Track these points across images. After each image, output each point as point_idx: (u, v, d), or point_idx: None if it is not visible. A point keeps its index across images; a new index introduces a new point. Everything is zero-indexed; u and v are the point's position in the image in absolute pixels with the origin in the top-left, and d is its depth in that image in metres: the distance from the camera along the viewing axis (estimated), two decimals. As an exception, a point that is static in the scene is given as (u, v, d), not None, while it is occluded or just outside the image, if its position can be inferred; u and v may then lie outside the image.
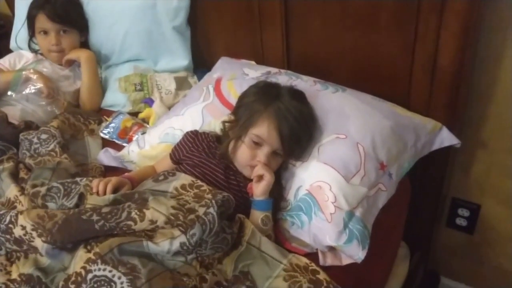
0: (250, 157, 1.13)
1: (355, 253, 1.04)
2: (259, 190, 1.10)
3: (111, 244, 0.94)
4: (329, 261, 1.08)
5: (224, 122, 1.23)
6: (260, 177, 1.11)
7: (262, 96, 1.16)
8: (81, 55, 1.65)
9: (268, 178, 1.10)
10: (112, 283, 0.89)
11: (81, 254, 0.97)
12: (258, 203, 1.11)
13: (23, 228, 1.02)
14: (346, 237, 1.04)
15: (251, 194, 1.13)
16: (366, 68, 1.40)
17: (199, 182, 1.08)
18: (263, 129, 1.11)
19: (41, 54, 1.73)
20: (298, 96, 1.18)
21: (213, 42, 1.69)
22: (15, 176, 1.26)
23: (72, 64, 1.70)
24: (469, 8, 1.14)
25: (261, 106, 1.13)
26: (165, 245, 0.95)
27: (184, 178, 1.10)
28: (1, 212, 1.06)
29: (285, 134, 1.10)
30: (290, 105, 1.12)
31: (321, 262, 1.07)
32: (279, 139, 1.10)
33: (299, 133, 1.12)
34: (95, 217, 0.99)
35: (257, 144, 1.12)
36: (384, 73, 1.38)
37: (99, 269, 0.90)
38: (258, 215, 1.10)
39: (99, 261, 0.91)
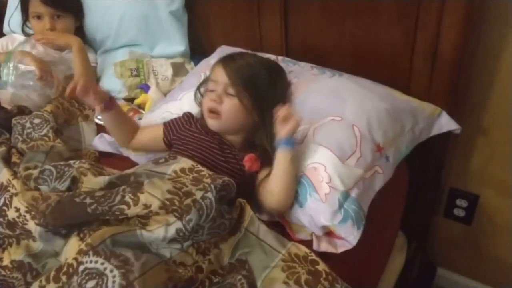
0: (207, 101, 1.17)
1: (350, 233, 1.02)
2: (286, 129, 1.06)
3: (103, 234, 0.91)
4: (323, 247, 1.06)
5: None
6: (286, 118, 1.06)
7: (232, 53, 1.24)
8: (73, 43, 1.60)
9: (294, 119, 1.06)
10: (104, 276, 0.85)
11: (73, 242, 0.95)
12: (287, 140, 1.06)
13: (17, 210, 1.00)
14: (341, 216, 1.03)
15: (248, 166, 1.12)
16: (366, 56, 1.38)
17: (199, 167, 1.06)
18: (213, 71, 1.19)
19: (35, 38, 1.69)
20: (267, 59, 1.24)
21: (211, 28, 1.67)
22: (7, 160, 1.24)
23: (65, 48, 1.66)
24: (471, -6, 1.13)
25: (222, 57, 1.20)
26: (160, 232, 0.93)
27: (184, 162, 1.08)
28: (-5, 195, 1.04)
29: (230, 68, 1.14)
30: (249, 57, 1.20)
31: (315, 247, 1.05)
32: (225, 74, 1.14)
33: (248, 71, 1.14)
34: (88, 200, 0.97)
35: (212, 91, 1.17)
36: (384, 60, 1.36)
37: (91, 261, 0.87)
38: (288, 153, 1.06)
39: (90, 252, 0.88)
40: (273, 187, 1.07)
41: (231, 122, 1.16)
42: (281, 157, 1.07)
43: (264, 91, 1.16)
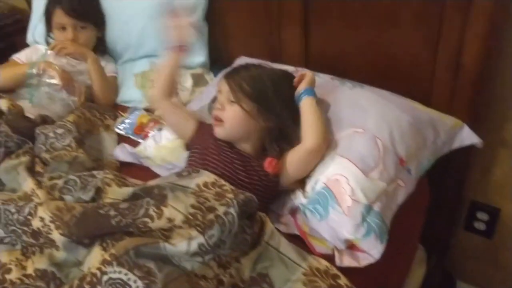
0: (213, 111, 1.19)
1: (373, 246, 1.02)
2: (303, 83, 1.19)
3: (127, 245, 0.92)
4: (346, 261, 1.05)
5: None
6: (302, 76, 1.20)
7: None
8: (88, 56, 1.60)
9: (309, 73, 1.21)
10: (127, 286, 0.87)
11: (96, 252, 0.96)
12: (306, 91, 1.17)
13: (42, 219, 1.01)
14: (364, 230, 1.02)
15: (271, 170, 1.14)
16: (386, 67, 1.38)
17: (222, 182, 1.06)
18: (218, 83, 1.21)
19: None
20: (275, 69, 1.25)
21: (230, 38, 1.68)
22: (31, 169, 1.25)
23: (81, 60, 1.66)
24: (495, 7, 1.13)
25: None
26: (182, 246, 0.93)
27: (207, 176, 1.08)
28: (20, 204, 1.06)
29: (232, 77, 1.16)
30: (253, 68, 1.20)
31: (337, 262, 1.05)
32: (226, 83, 1.16)
33: (249, 80, 1.15)
34: (112, 212, 0.98)
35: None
36: (405, 71, 1.36)
37: (114, 272, 0.89)
38: (311, 100, 1.16)
39: (114, 263, 0.89)
40: (306, 131, 1.13)
41: (235, 129, 1.16)
42: (306, 105, 1.16)
43: (267, 95, 1.16)
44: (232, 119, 1.16)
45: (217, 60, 1.70)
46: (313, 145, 1.12)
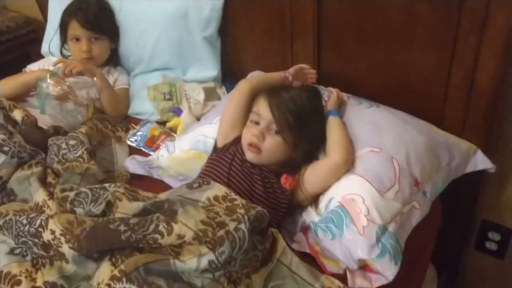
0: (248, 134, 1.16)
1: (388, 267, 1.01)
2: (329, 104, 1.26)
3: (137, 261, 0.92)
4: (359, 282, 1.05)
5: None
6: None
7: (276, 87, 1.23)
8: (95, 73, 1.58)
9: (335, 93, 1.28)
10: None
11: (106, 266, 0.96)
12: (332, 111, 1.23)
13: (52, 232, 1.01)
14: (378, 251, 1.01)
15: (289, 186, 1.14)
16: (399, 85, 1.38)
17: (233, 195, 1.06)
18: (256, 108, 1.18)
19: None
20: (306, 88, 1.25)
21: (242, 53, 1.68)
22: (43, 180, 1.26)
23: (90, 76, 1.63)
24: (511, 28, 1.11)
25: (267, 91, 1.20)
26: (192, 263, 0.93)
27: (218, 189, 1.08)
28: (32, 216, 1.06)
29: (275, 104, 1.14)
30: (291, 91, 1.19)
31: (350, 283, 1.04)
32: (269, 110, 1.14)
33: (293, 111, 1.14)
34: (122, 228, 0.98)
35: (257, 124, 1.16)
36: (418, 90, 1.35)
37: None
38: (338, 119, 1.21)
39: (124, 279, 0.89)
40: (334, 146, 1.15)
41: (271, 158, 1.16)
42: (334, 123, 1.20)
43: (309, 127, 1.16)
44: (270, 149, 1.15)
45: (229, 74, 1.71)
46: (340, 160, 1.12)
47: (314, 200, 1.16)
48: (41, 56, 1.85)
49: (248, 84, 1.26)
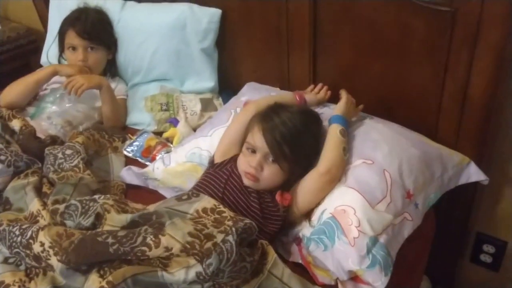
0: (245, 163, 1.15)
1: (378, 278, 1.01)
2: (337, 108, 1.24)
3: (125, 273, 0.93)
4: None
5: None
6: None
7: (264, 111, 1.20)
8: (102, 85, 1.60)
9: (345, 97, 1.25)
10: None
11: (94, 278, 0.96)
12: (335, 117, 1.21)
13: (42, 244, 1.02)
14: (369, 261, 1.02)
15: (283, 201, 1.14)
16: (394, 97, 1.39)
17: (221, 208, 1.07)
18: (251, 136, 1.16)
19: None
20: (302, 111, 1.22)
21: (239, 65, 1.70)
22: (39, 190, 1.27)
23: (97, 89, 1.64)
24: (503, 41, 1.13)
25: (257, 117, 1.18)
26: (180, 274, 0.93)
27: (207, 201, 1.09)
28: (24, 227, 1.07)
29: (270, 138, 1.12)
30: (285, 115, 1.16)
31: None
32: (265, 141, 1.12)
33: (287, 139, 1.12)
34: (110, 240, 0.98)
35: (253, 152, 1.15)
36: (412, 102, 1.36)
37: None
38: (336, 127, 1.18)
39: None
40: (322, 155, 1.15)
41: (269, 185, 1.16)
42: (331, 131, 1.18)
43: (304, 154, 1.16)
44: (268, 178, 1.15)
45: (226, 85, 1.72)
46: (322, 170, 1.12)
47: (308, 214, 1.16)
48: (41, 67, 1.86)
49: (256, 107, 1.25)
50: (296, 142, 1.14)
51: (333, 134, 1.18)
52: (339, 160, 1.14)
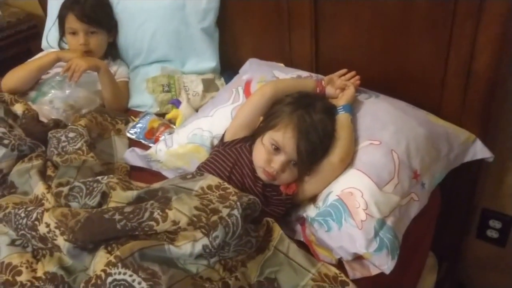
0: (266, 161, 1.11)
1: (384, 262, 1.01)
2: (344, 98, 1.21)
3: (132, 247, 0.93)
4: (358, 273, 1.04)
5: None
6: (343, 88, 1.23)
7: (293, 102, 1.15)
8: (100, 66, 1.60)
9: (352, 88, 1.22)
10: None
11: (101, 255, 0.96)
12: (345, 106, 1.18)
13: (47, 225, 1.02)
14: (376, 245, 1.01)
15: (289, 189, 1.13)
16: (396, 73, 1.37)
17: (226, 185, 1.07)
18: (280, 136, 1.09)
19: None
20: (329, 111, 1.17)
21: (240, 44, 1.68)
22: (43, 173, 1.27)
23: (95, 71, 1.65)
24: (508, 13, 1.11)
25: (287, 110, 1.12)
26: (187, 248, 0.94)
27: (211, 179, 1.09)
28: (29, 209, 1.07)
29: (303, 147, 1.08)
30: (317, 118, 1.11)
31: (350, 275, 1.03)
32: (296, 151, 1.08)
33: (317, 148, 1.11)
34: (117, 217, 0.98)
35: (276, 149, 1.11)
36: (415, 78, 1.34)
37: (119, 273, 0.89)
38: (347, 117, 1.17)
39: (119, 264, 0.90)
40: (333, 146, 1.12)
41: (283, 183, 1.15)
42: (342, 120, 1.16)
43: (322, 155, 1.13)
44: (286, 179, 1.13)
45: (227, 65, 1.71)
46: (336, 159, 1.11)
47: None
48: (41, 51, 1.86)
49: (273, 89, 1.21)
50: (322, 150, 1.12)
51: (346, 125, 1.15)
52: (352, 148, 1.14)
